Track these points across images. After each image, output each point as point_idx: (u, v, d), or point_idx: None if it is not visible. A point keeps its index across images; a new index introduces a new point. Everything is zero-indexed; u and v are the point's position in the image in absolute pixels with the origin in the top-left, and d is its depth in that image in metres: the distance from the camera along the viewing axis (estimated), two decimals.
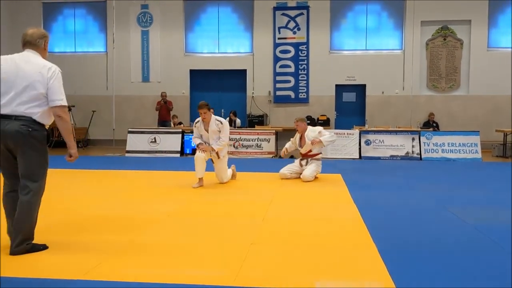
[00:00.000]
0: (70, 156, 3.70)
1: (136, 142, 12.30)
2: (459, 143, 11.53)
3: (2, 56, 3.56)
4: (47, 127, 3.59)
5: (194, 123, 7.13)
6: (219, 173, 7.11)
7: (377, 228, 4.37)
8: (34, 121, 3.45)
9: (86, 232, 4.22)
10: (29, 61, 3.52)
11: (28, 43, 3.64)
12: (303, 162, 7.81)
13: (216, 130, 6.87)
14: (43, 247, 3.62)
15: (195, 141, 7.07)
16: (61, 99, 3.54)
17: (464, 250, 3.74)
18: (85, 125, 15.21)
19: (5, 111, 3.40)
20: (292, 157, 12.09)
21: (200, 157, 6.82)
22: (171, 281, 2.99)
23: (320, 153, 7.95)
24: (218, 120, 6.90)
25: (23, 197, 3.47)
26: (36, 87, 3.44)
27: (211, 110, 7.06)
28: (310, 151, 7.79)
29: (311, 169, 7.59)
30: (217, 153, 6.92)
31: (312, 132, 7.82)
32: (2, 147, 3.44)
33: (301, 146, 7.84)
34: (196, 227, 4.44)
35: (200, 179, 6.84)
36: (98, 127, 15.24)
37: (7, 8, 15.40)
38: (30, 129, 3.42)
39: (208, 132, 6.91)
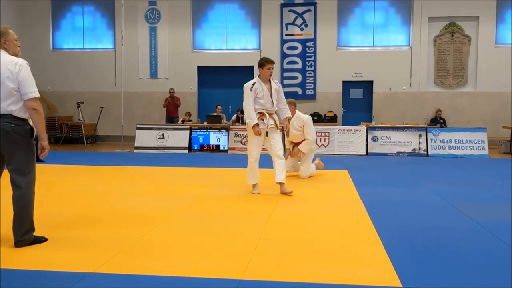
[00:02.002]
0: (43, 148, 3.73)
1: (144, 138, 12.41)
2: (466, 140, 11.54)
3: None
4: (29, 121, 3.68)
5: (249, 87, 5.87)
6: (275, 146, 5.95)
7: (383, 224, 4.43)
8: (15, 117, 3.55)
9: (97, 227, 4.32)
10: None
11: None
12: (292, 149, 7.58)
13: (278, 89, 6.08)
14: (44, 239, 3.77)
15: (251, 116, 5.81)
16: (33, 91, 3.60)
17: (469, 247, 3.80)
18: (93, 121, 15.36)
19: None
20: None
21: (257, 161, 5.97)
22: (182, 274, 3.08)
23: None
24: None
25: (17, 193, 3.59)
26: (6, 84, 3.51)
27: None
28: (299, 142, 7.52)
29: (306, 165, 7.35)
30: (275, 123, 5.99)
31: (297, 120, 7.45)
32: None
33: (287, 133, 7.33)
34: (205, 223, 4.53)
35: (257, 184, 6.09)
36: (107, 123, 15.37)
37: (16, 5, 15.56)
38: (12, 125, 3.53)
39: (270, 91, 5.94)
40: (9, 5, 15.09)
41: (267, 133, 5.90)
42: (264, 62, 6.00)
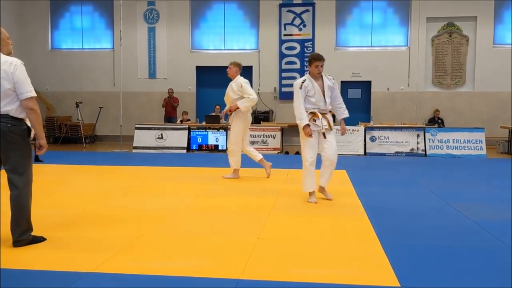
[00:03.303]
0: (40, 146, 3.76)
1: (143, 138, 12.42)
2: (464, 140, 11.57)
3: None
4: (25, 121, 3.69)
5: (299, 85, 5.49)
6: (331, 149, 5.53)
7: (381, 224, 4.45)
8: (12, 117, 3.55)
9: (95, 227, 4.33)
10: None
11: None
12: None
13: (331, 86, 5.61)
14: (42, 239, 3.77)
15: (302, 116, 5.42)
16: (29, 91, 3.59)
17: (467, 247, 3.82)
18: (92, 121, 15.36)
19: None
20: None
21: (313, 165, 5.51)
22: (180, 274, 3.09)
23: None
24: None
25: (13, 192, 3.60)
26: (2, 84, 3.51)
27: None
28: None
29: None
30: (329, 123, 5.57)
31: (236, 83, 7.30)
32: None
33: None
34: (203, 222, 4.55)
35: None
36: (105, 123, 15.38)
37: (15, 5, 15.56)
38: (9, 125, 3.53)
39: (322, 88, 5.53)
40: (8, 5, 15.08)
41: (324, 135, 5.48)
42: (312, 60, 5.57)
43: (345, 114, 5.72)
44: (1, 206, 3.80)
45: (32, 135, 3.78)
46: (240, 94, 7.18)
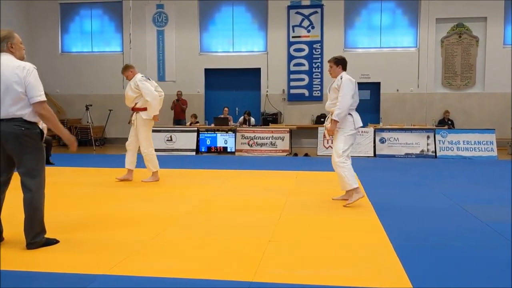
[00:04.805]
0: (70, 142, 3.86)
1: (152, 140, 12.44)
2: (475, 141, 11.49)
3: None
4: (39, 124, 3.73)
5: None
6: (333, 151, 5.57)
7: (392, 226, 4.43)
8: (25, 121, 3.59)
9: (107, 229, 4.35)
10: (2, 65, 3.59)
11: None
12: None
13: (335, 87, 5.55)
14: (55, 241, 3.79)
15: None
16: (39, 95, 3.63)
17: (478, 248, 3.79)
18: (102, 124, 15.45)
19: None
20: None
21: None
22: (192, 276, 3.10)
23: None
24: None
25: (27, 195, 3.63)
26: (15, 89, 3.54)
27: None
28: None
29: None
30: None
31: (134, 82, 7.12)
32: (1, 148, 3.60)
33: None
34: (214, 225, 4.55)
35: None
36: (115, 126, 15.46)
37: (25, 9, 15.71)
38: (23, 128, 3.57)
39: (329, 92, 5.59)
40: (18, 10, 15.24)
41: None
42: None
43: (334, 115, 5.42)
44: (14, 208, 3.84)
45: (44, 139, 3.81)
46: (139, 92, 7.03)
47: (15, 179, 3.77)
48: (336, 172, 5.56)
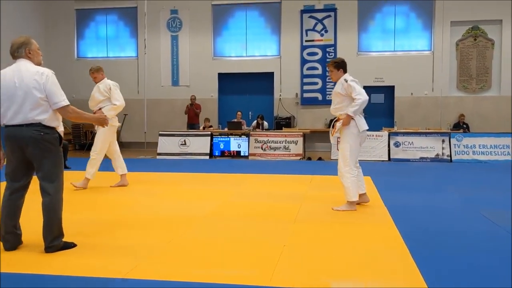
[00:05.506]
0: (101, 123, 4.18)
1: (166, 145, 12.57)
2: (491, 145, 11.36)
3: (1, 71, 3.73)
4: (57, 129, 3.79)
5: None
6: (339, 157, 5.57)
7: (408, 230, 4.40)
8: (45, 125, 3.65)
9: (124, 232, 4.39)
10: (21, 71, 3.66)
11: (12, 55, 3.79)
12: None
13: (337, 91, 5.55)
14: (73, 245, 3.83)
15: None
16: (62, 100, 3.70)
17: (495, 253, 3.75)
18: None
19: (16, 121, 3.62)
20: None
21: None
22: (208, 280, 3.11)
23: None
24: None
25: (45, 199, 3.68)
26: (34, 94, 3.61)
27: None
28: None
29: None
30: (338, 130, 5.55)
31: (103, 84, 6.98)
32: (19, 152, 3.65)
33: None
34: (229, 229, 4.57)
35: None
36: (130, 130, 15.59)
37: (41, 15, 15.95)
38: (42, 133, 3.63)
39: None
40: (35, 16, 15.48)
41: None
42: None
43: (350, 111, 5.35)
44: (32, 212, 3.90)
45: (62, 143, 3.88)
46: (108, 96, 6.89)
47: (34, 184, 3.84)
48: (339, 179, 5.51)
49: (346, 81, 5.45)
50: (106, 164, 7.50)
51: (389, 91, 14.86)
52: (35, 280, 3.15)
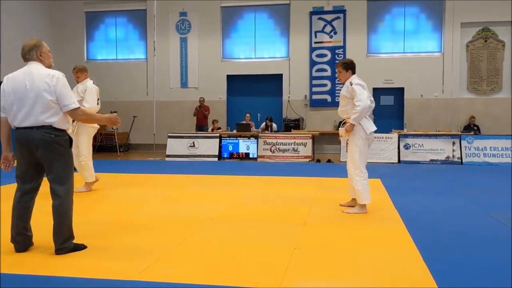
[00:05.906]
0: (113, 120, 4.23)
1: (175, 147, 12.59)
2: (502, 147, 11.25)
3: (10, 75, 3.75)
4: (67, 131, 3.80)
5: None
6: (348, 159, 5.54)
7: (419, 233, 4.36)
8: (55, 128, 3.66)
9: (134, 234, 4.39)
10: (32, 73, 3.67)
11: (23, 58, 3.80)
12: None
13: (343, 94, 5.48)
14: (84, 246, 3.84)
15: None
16: (73, 103, 3.71)
17: (506, 254, 3.70)
18: (126, 130, 15.67)
19: (26, 123, 3.63)
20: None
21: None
22: (219, 283, 3.10)
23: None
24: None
25: (56, 201, 3.69)
26: (45, 97, 3.62)
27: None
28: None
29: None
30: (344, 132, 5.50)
31: (82, 86, 6.74)
32: (29, 154, 3.67)
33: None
34: (239, 231, 4.56)
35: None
36: (139, 132, 15.67)
37: (50, 17, 16.07)
38: (52, 136, 3.64)
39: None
40: (44, 18, 15.59)
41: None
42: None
43: (351, 119, 5.30)
44: (43, 214, 3.91)
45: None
46: (83, 97, 6.69)
47: (44, 186, 3.85)
48: (350, 181, 5.50)
49: (351, 84, 5.39)
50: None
51: (398, 93, 14.78)
52: (46, 281, 3.16)
